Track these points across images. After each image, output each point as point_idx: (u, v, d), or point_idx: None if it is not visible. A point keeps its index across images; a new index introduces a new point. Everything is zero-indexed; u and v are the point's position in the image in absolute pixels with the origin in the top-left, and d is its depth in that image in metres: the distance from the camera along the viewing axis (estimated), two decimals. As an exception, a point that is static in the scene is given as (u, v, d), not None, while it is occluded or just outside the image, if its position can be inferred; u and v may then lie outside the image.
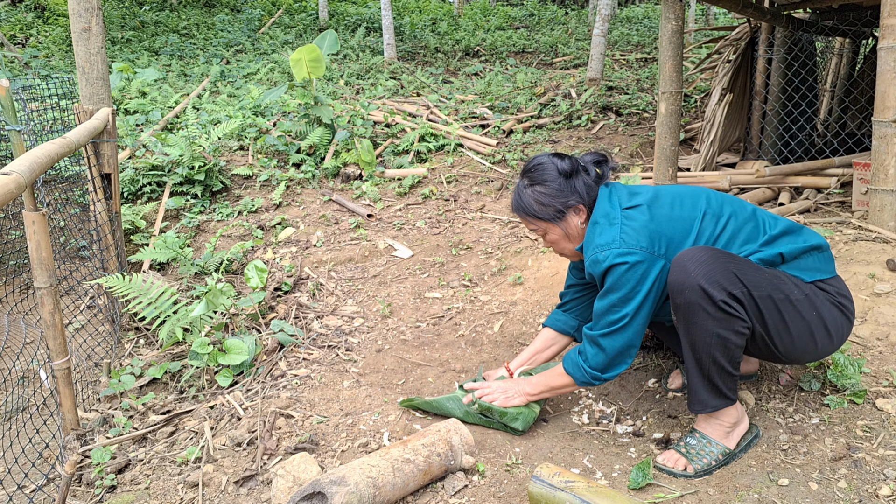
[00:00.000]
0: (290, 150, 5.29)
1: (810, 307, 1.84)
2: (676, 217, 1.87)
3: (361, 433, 2.17)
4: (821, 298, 1.86)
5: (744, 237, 1.88)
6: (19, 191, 1.74)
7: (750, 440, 1.95)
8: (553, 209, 1.95)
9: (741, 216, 1.92)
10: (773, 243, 1.88)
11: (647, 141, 5.68)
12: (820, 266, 1.91)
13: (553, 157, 1.99)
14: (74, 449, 2.22)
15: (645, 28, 12.58)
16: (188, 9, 12.94)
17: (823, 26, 5.11)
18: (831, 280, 1.91)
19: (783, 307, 1.80)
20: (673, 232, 1.84)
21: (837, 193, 4.24)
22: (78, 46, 3.26)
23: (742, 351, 1.83)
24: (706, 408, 1.87)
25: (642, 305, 1.83)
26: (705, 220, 1.88)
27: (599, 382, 1.95)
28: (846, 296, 1.92)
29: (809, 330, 1.84)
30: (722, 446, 1.90)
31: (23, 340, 3.15)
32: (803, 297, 1.83)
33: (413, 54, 10.20)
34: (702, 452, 1.89)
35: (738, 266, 1.77)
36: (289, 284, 3.53)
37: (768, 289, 1.79)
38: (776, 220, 1.94)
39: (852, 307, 1.92)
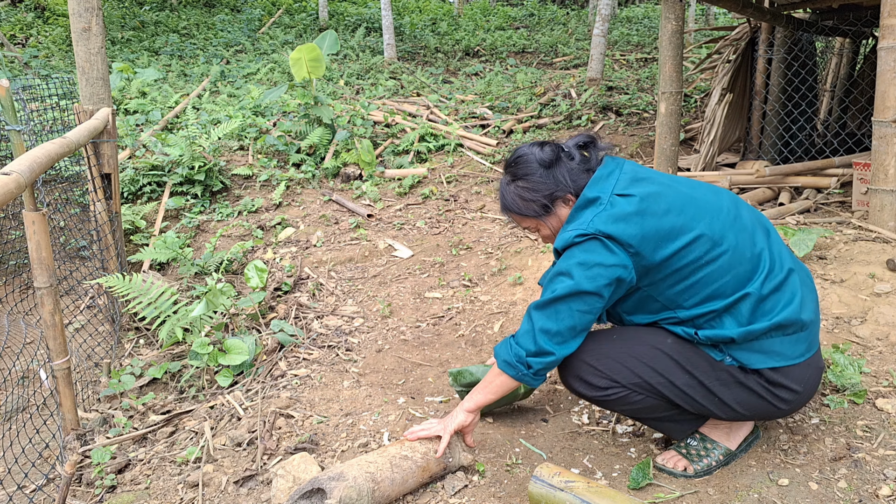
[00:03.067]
0: (290, 150, 5.28)
1: (712, 387, 1.71)
2: (665, 227, 1.64)
3: (361, 433, 2.17)
4: (734, 382, 1.69)
5: (719, 286, 1.65)
6: (19, 191, 1.74)
7: (750, 440, 1.95)
8: (538, 204, 1.79)
9: (739, 255, 1.66)
10: (739, 312, 1.65)
11: (647, 141, 5.68)
12: (783, 350, 1.67)
13: (533, 148, 1.82)
14: (74, 449, 2.22)
15: (645, 28, 12.58)
16: (188, 9, 12.94)
17: (823, 26, 5.11)
18: (788, 369, 1.68)
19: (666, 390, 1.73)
20: (651, 240, 1.63)
21: (837, 193, 4.24)
22: (78, 46, 3.26)
23: (660, 399, 1.76)
24: (685, 433, 1.90)
25: (587, 294, 1.63)
26: (696, 244, 1.64)
27: (527, 374, 1.71)
28: (791, 388, 1.69)
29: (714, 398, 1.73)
30: (723, 447, 1.87)
31: (23, 340, 3.15)
32: (696, 382, 1.71)
33: (413, 54, 10.20)
34: (702, 453, 1.87)
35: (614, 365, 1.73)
36: (289, 284, 3.53)
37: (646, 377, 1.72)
38: (772, 274, 1.68)
39: (793, 399, 1.71)
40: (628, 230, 1.62)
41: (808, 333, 1.71)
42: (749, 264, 1.67)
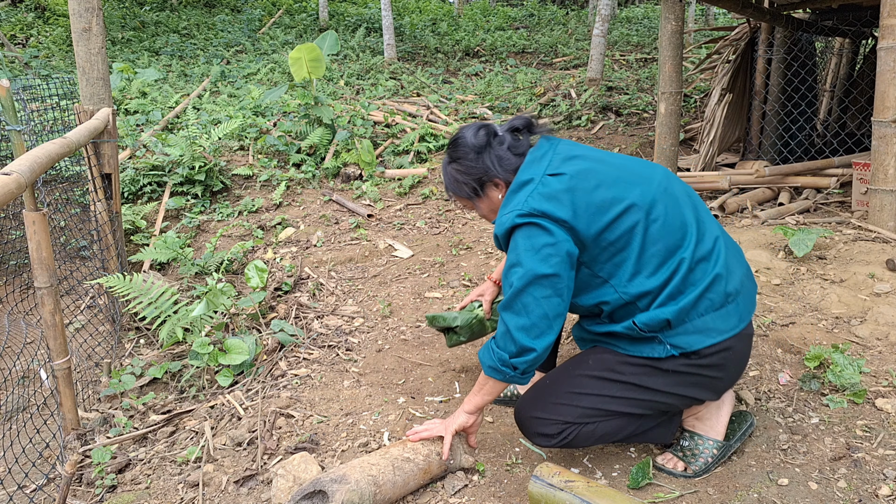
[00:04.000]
0: (290, 150, 5.29)
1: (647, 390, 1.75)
2: (597, 201, 1.66)
3: (362, 433, 2.17)
4: (665, 372, 1.72)
5: (652, 253, 1.68)
6: (20, 191, 1.74)
7: (745, 429, 1.94)
8: (469, 187, 1.84)
9: (670, 224, 1.69)
10: (672, 284, 1.67)
11: (647, 141, 5.68)
12: (717, 325, 1.69)
13: (469, 131, 1.85)
14: (75, 449, 2.23)
15: (645, 28, 12.58)
16: (188, 9, 12.95)
17: (823, 26, 5.11)
18: (723, 343, 1.69)
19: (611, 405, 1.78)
20: (584, 214, 1.66)
21: (837, 193, 4.25)
22: (78, 46, 3.27)
23: (615, 417, 1.80)
24: (668, 436, 1.94)
25: (544, 277, 1.64)
26: (627, 214, 1.67)
27: (514, 374, 1.72)
28: (726, 364, 1.72)
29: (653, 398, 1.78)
30: (714, 440, 1.88)
31: (23, 340, 3.15)
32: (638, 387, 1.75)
33: (413, 54, 10.21)
34: (696, 452, 1.88)
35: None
36: (289, 284, 3.53)
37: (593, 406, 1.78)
38: (700, 243, 1.71)
39: (727, 375, 1.75)
40: (561, 207, 1.65)
41: (736, 306, 1.72)
42: (679, 232, 1.70)
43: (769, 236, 3.33)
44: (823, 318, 2.61)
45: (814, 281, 2.85)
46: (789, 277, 2.90)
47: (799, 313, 2.66)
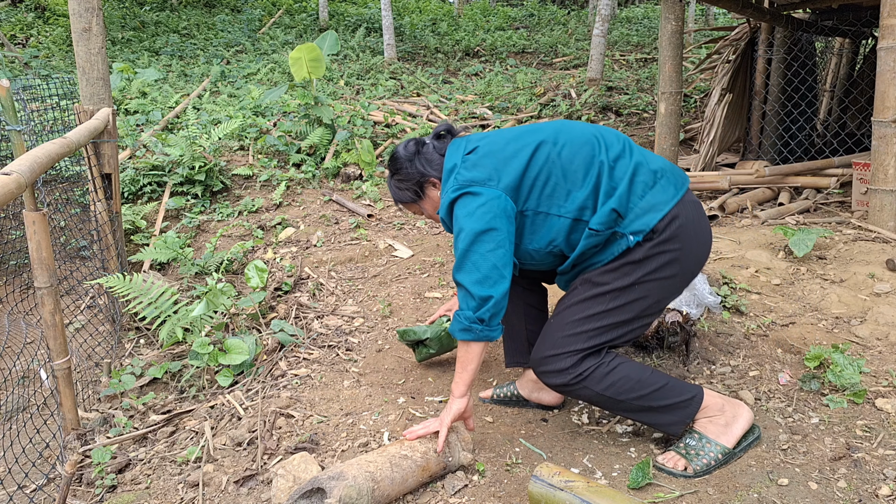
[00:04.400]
0: (290, 150, 5.29)
1: (637, 296, 1.84)
2: (509, 152, 1.87)
3: (362, 433, 2.17)
4: (638, 261, 1.82)
5: (573, 172, 1.84)
6: (20, 191, 1.74)
7: (751, 441, 1.94)
8: (411, 191, 2.05)
9: (577, 142, 1.87)
10: (601, 187, 1.82)
11: (647, 141, 5.68)
12: (660, 198, 1.82)
13: (401, 146, 2.08)
14: (75, 449, 2.23)
15: (645, 28, 12.58)
16: (188, 9, 12.95)
17: (823, 26, 5.11)
18: (673, 212, 1.81)
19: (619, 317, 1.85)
20: (503, 167, 1.84)
21: (837, 193, 4.25)
22: (78, 46, 3.27)
23: (640, 366, 1.88)
24: (679, 425, 1.92)
25: (483, 232, 1.78)
26: (539, 150, 1.86)
27: (483, 328, 1.80)
28: (678, 236, 1.81)
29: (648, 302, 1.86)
30: (721, 446, 1.88)
31: (23, 340, 3.15)
32: (628, 288, 1.84)
33: (413, 54, 10.21)
34: (700, 452, 1.88)
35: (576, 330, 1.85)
36: (289, 284, 3.53)
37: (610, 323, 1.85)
38: (609, 148, 1.87)
39: (688, 246, 1.83)
40: (483, 170, 1.85)
41: (667, 180, 1.86)
42: (588, 146, 1.87)
43: (769, 236, 3.33)
44: (823, 318, 2.61)
45: (814, 281, 2.85)
46: (789, 277, 2.90)
47: (799, 313, 2.66)
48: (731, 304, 2.69)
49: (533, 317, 2.28)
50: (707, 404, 1.91)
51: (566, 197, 1.83)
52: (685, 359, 2.51)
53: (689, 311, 2.63)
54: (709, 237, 1.91)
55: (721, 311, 2.67)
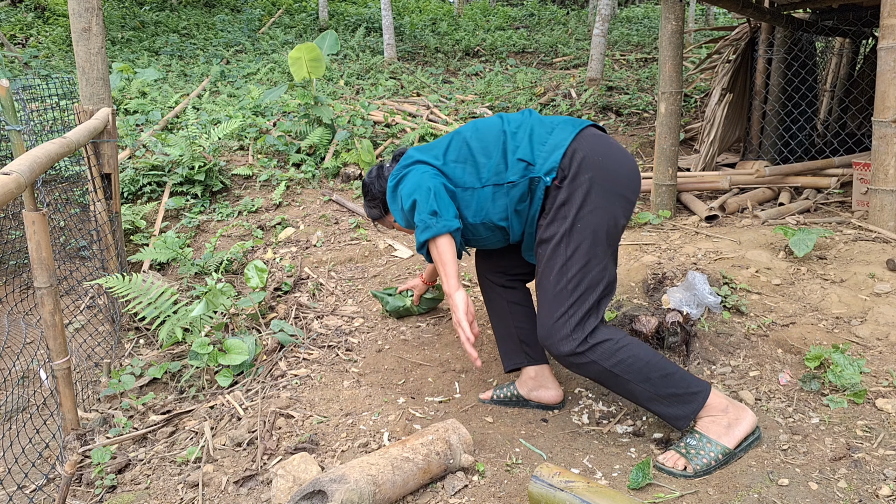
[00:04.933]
0: (290, 150, 5.29)
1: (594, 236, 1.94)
2: (439, 146, 2.11)
3: (361, 433, 2.17)
4: (564, 202, 1.95)
5: (484, 148, 2.05)
6: (19, 191, 1.74)
7: (751, 441, 1.94)
8: (378, 209, 2.40)
9: (484, 126, 2.11)
10: (507, 149, 2.03)
11: (647, 141, 5.68)
12: (560, 137, 1.99)
13: (367, 175, 2.38)
14: (74, 449, 2.22)
15: (645, 28, 12.58)
16: (188, 9, 12.94)
17: (823, 26, 5.11)
18: (569, 146, 1.96)
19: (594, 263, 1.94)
20: (433, 156, 2.08)
21: (837, 193, 4.25)
22: (78, 46, 3.26)
23: (650, 351, 1.92)
24: (685, 420, 1.92)
25: (421, 183, 1.96)
26: (455, 138, 2.11)
27: (437, 219, 1.91)
28: (585, 166, 1.93)
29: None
30: (722, 446, 1.88)
31: (23, 340, 3.15)
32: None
33: (413, 54, 10.20)
34: (701, 452, 1.88)
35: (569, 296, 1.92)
36: (289, 284, 3.53)
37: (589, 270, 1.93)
38: (511, 119, 2.11)
39: (601, 175, 1.93)
40: (424, 156, 2.08)
41: (563, 126, 2.03)
42: (495, 126, 2.09)
43: (769, 236, 3.33)
44: (824, 318, 2.61)
45: (814, 281, 2.85)
46: (789, 277, 2.90)
47: (799, 313, 2.66)
48: (731, 304, 2.69)
49: (520, 314, 2.34)
50: (711, 403, 1.91)
51: (483, 168, 2.03)
52: (685, 359, 2.51)
53: (690, 311, 2.63)
54: (622, 158, 2.01)
55: (721, 311, 2.67)
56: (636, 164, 2.04)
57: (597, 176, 1.92)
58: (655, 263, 3.06)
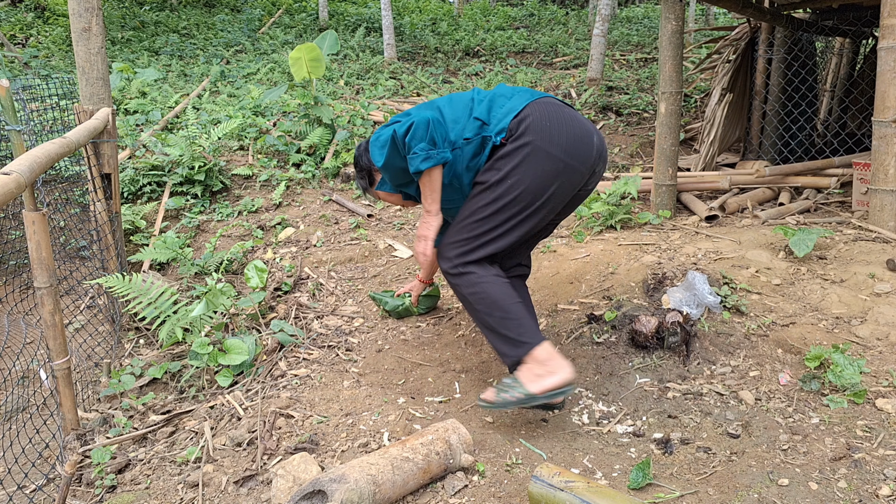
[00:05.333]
0: (290, 150, 5.28)
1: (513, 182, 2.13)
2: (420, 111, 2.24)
3: (361, 433, 2.17)
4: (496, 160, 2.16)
5: (455, 115, 2.23)
6: (19, 190, 1.74)
7: (558, 393, 2.05)
8: (365, 180, 2.56)
9: (458, 98, 2.30)
10: (472, 115, 2.22)
11: (647, 141, 5.68)
12: (512, 105, 2.18)
13: (358, 148, 2.55)
14: (74, 449, 2.22)
15: (645, 28, 12.58)
16: (188, 9, 12.94)
17: (823, 26, 5.11)
18: (521, 112, 2.14)
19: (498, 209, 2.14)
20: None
21: (837, 193, 4.25)
22: (78, 46, 3.26)
23: (501, 288, 2.13)
24: (510, 358, 2.13)
25: (415, 123, 2.12)
26: (431, 107, 2.25)
27: (437, 151, 2.11)
28: (530, 129, 2.11)
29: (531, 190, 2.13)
30: (526, 391, 2.06)
31: (23, 340, 3.15)
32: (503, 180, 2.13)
33: (413, 54, 10.20)
34: (508, 391, 2.08)
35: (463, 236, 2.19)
36: (289, 284, 3.53)
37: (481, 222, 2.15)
38: (479, 91, 2.32)
39: (541, 137, 2.09)
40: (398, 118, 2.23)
41: (521, 95, 2.21)
42: (468, 97, 2.28)
43: (769, 236, 3.33)
44: (824, 318, 2.61)
45: (814, 281, 2.85)
46: (789, 277, 2.90)
47: (799, 313, 2.66)
48: (731, 304, 2.69)
49: None
50: (536, 354, 2.07)
51: (453, 133, 2.20)
52: (685, 359, 2.51)
53: (690, 311, 2.63)
54: (572, 126, 2.14)
55: (721, 311, 2.67)
56: (590, 135, 2.18)
57: (539, 139, 2.09)
58: (655, 263, 3.06)
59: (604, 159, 2.28)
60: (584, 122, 2.20)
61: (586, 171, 2.20)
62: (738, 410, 2.19)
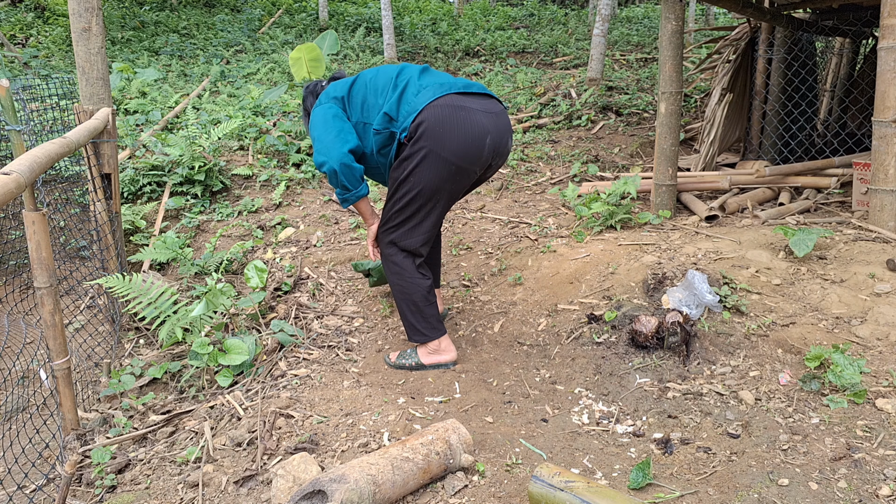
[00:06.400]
0: (290, 150, 5.28)
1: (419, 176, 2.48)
2: (343, 84, 2.62)
3: (361, 433, 2.17)
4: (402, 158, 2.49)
5: (377, 92, 2.54)
6: (19, 190, 1.74)
7: (441, 366, 2.67)
8: (307, 118, 2.76)
9: (380, 78, 2.58)
10: (381, 105, 2.53)
11: (647, 141, 5.68)
12: (413, 107, 2.44)
13: (306, 88, 2.81)
14: (74, 449, 2.22)
15: (645, 28, 12.57)
16: (188, 9, 12.94)
17: (823, 26, 5.11)
18: (419, 115, 2.42)
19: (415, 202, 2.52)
20: (341, 91, 2.58)
21: (837, 193, 4.25)
22: (78, 46, 3.26)
23: (420, 288, 2.61)
24: (413, 338, 2.69)
25: (327, 121, 2.51)
26: (356, 83, 2.60)
27: (351, 193, 2.51)
28: (427, 132, 2.40)
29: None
30: (418, 360, 2.69)
31: (23, 340, 3.15)
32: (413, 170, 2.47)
33: (413, 54, 10.20)
34: (406, 358, 2.71)
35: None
36: (289, 284, 3.53)
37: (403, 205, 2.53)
38: (402, 71, 2.58)
39: (439, 137, 2.40)
40: (337, 91, 2.60)
41: (428, 90, 2.45)
42: (391, 75, 2.56)
43: (769, 236, 3.33)
44: (824, 319, 2.61)
45: (814, 281, 2.85)
46: (790, 277, 2.90)
47: (799, 313, 2.66)
48: (731, 304, 2.69)
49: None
50: (432, 345, 2.67)
51: (373, 108, 2.51)
52: (685, 359, 2.51)
53: (689, 312, 2.63)
54: (462, 132, 2.41)
55: (721, 311, 2.67)
56: (484, 136, 2.44)
57: (432, 145, 2.40)
58: (655, 263, 3.06)
59: (501, 153, 2.56)
60: (479, 124, 2.42)
61: (479, 169, 2.52)
62: (738, 410, 2.19)
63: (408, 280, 2.60)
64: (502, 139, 2.50)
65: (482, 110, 2.44)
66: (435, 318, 2.65)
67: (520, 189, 4.86)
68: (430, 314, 2.64)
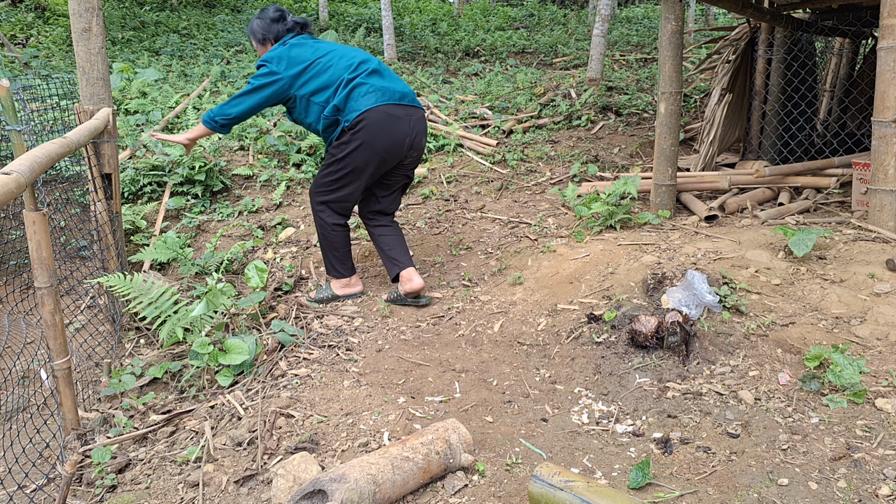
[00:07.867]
0: (290, 150, 5.29)
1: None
2: (305, 56, 3.12)
3: (362, 433, 2.17)
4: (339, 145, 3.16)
5: (327, 78, 3.11)
6: (20, 190, 1.74)
7: (352, 296, 3.40)
8: (261, 35, 3.24)
9: (338, 59, 3.14)
10: (338, 93, 3.10)
11: (647, 141, 5.68)
12: (360, 105, 3.06)
13: (271, 7, 3.23)
14: (75, 449, 2.23)
15: (645, 28, 12.58)
16: (188, 9, 12.94)
17: (823, 26, 5.11)
18: (362, 114, 3.05)
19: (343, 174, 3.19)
20: (297, 64, 3.10)
21: (837, 193, 4.25)
22: (78, 46, 3.27)
23: (341, 237, 3.32)
24: (329, 273, 3.39)
25: (262, 88, 3.10)
26: (313, 65, 3.11)
27: (218, 125, 3.15)
28: (364, 129, 3.07)
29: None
30: (333, 293, 3.39)
31: (23, 340, 3.15)
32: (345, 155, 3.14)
33: (413, 54, 10.20)
34: (323, 292, 3.40)
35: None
36: (289, 284, 3.53)
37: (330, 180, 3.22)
38: (359, 68, 3.15)
39: (373, 137, 3.08)
40: (282, 61, 3.11)
41: (375, 94, 3.08)
42: (347, 65, 3.13)
43: (769, 236, 3.33)
44: (823, 318, 2.61)
45: (814, 281, 2.85)
46: (789, 277, 2.90)
47: (799, 313, 2.66)
48: (731, 304, 2.69)
49: (386, 238, 3.36)
50: (344, 281, 3.38)
51: (322, 92, 3.09)
52: (685, 359, 2.51)
53: (689, 311, 2.64)
54: (391, 136, 3.10)
55: (721, 311, 2.67)
56: (404, 138, 3.13)
57: (367, 138, 3.07)
58: (655, 263, 3.06)
59: (416, 149, 3.24)
60: (403, 130, 3.12)
61: (398, 160, 3.22)
62: (738, 410, 2.20)
63: (329, 231, 3.27)
64: (417, 139, 3.20)
65: (406, 117, 3.14)
66: (349, 260, 3.37)
67: (520, 189, 4.86)
68: (344, 257, 3.35)
